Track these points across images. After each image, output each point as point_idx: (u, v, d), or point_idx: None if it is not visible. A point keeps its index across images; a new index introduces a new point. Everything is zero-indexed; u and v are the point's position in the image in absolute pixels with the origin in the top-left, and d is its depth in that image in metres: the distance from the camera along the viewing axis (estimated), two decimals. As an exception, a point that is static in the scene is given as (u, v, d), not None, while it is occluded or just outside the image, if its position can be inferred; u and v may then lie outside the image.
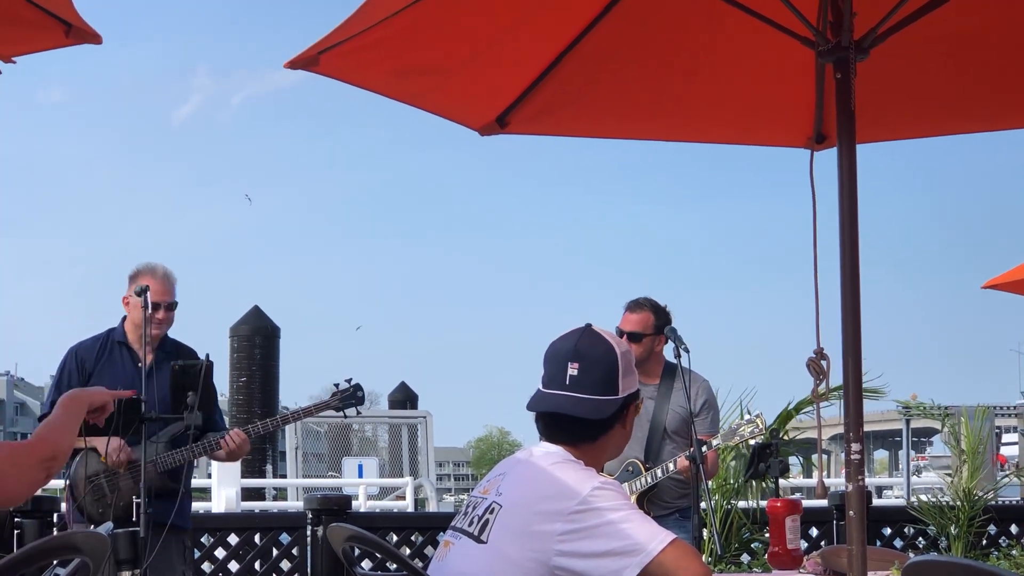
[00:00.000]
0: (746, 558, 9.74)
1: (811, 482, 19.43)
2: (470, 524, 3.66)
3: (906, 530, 9.77)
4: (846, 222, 4.21)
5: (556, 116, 5.45)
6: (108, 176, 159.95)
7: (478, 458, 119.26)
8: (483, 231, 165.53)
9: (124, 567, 5.79)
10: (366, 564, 8.16)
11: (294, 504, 16.84)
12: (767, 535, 4.56)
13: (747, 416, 6.84)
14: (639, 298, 7.13)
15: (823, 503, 9.78)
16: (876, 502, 10.84)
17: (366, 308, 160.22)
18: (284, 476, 21.51)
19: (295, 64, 4.45)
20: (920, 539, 9.82)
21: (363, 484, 17.70)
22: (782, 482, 6.15)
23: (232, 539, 8.82)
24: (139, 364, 6.87)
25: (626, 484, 6.69)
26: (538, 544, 3.46)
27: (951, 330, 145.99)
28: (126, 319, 6.98)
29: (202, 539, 8.80)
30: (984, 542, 9.87)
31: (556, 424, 3.73)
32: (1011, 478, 13.31)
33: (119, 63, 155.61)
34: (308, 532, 8.63)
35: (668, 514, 6.87)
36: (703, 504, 6.53)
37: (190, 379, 6.23)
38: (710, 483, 7.90)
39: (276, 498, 20.21)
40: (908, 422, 24.84)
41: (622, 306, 7.14)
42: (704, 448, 6.37)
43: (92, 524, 6.67)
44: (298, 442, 20.46)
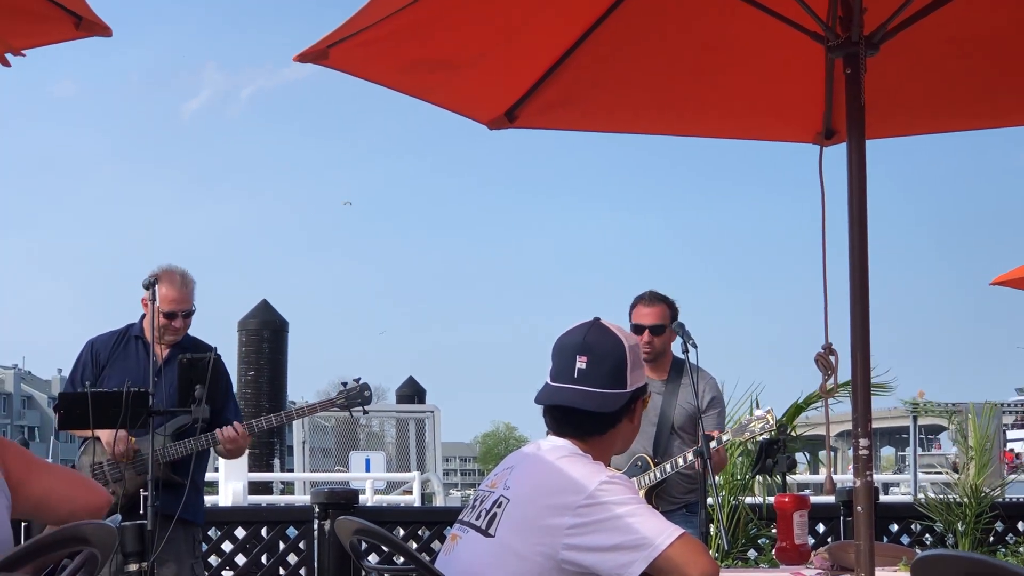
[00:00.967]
0: (753, 554, 9.73)
1: (818, 478, 19.43)
2: (477, 518, 3.66)
3: (913, 526, 9.75)
4: (855, 217, 4.20)
5: (565, 111, 5.45)
6: (118, 170, 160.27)
7: (485, 453, 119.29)
8: (492, 226, 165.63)
9: (131, 559, 5.79)
10: (373, 558, 8.17)
11: (301, 498, 16.85)
12: (774, 531, 4.56)
13: (757, 412, 6.82)
14: (648, 292, 7.11)
15: (830, 499, 9.77)
16: (883, 499, 10.83)
17: (374, 303, 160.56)
18: (291, 470, 21.53)
19: (305, 57, 4.45)
20: (927, 535, 9.81)
21: (370, 478, 17.71)
22: (789, 478, 6.14)
23: (239, 532, 8.82)
24: (153, 359, 6.88)
25: (634, 479, 6.69)
26: (546, 538, 3.46)
27: (960, 327, 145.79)
28: (144, 316, 6.99)
29: (209, 532, 8.80)
30: (991, 539, 9.86)
31: (564, 418, 3.72)
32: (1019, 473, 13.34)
33: (129, 57, 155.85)
34: (315, 526, 8.63)
35: (676, 509, 6.87)
36: (710, 500, 6.52)
37: (198, 372, 6.23)
38: (718, 479, 7.88)
39: (283, 492, 20.22)
40: (915, 419, 24.82)
41: (628, 302, 7.11)
42: (712, 444, 6.36)
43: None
44: (305, 436, 20.48)
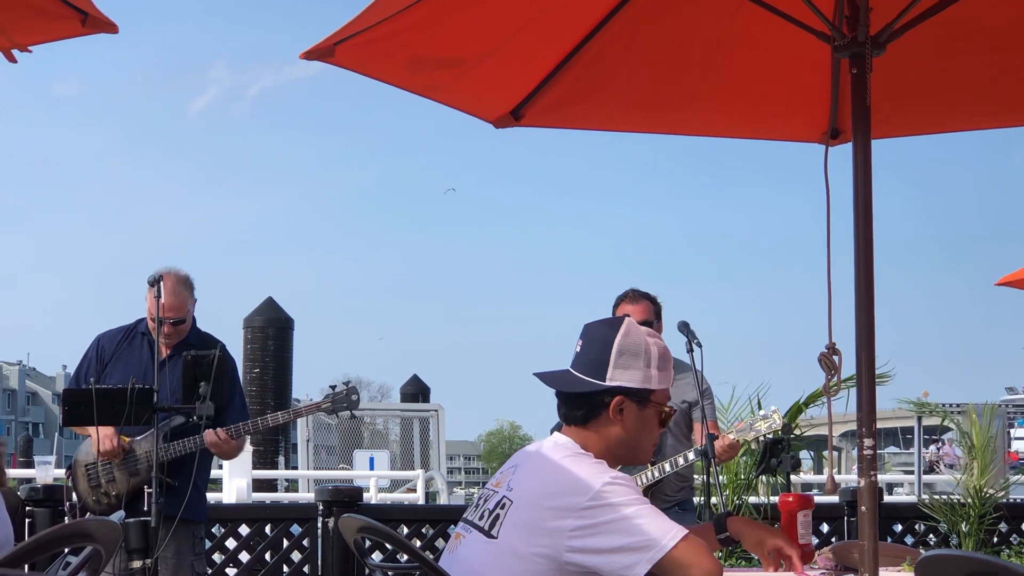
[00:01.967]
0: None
1: (821, 478, 19.41)
2: (480, 518, 3.66)
3: (917, 527, 9.75)
4: (860, 217, 4.20)
5: (571, 109, 5.45)
6: (123, 168, 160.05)
7: (489, 452, 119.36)
8: (497, 224, 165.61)
9: (135, 556, 5.80)
10: (376, 556, 8.17)
11: (305, 496, 16.84)
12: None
13: (762, 412, 6.83)
14: (630, 290, 7.09)
15: (833, 499, 9.77)
16: (887, 499, 10.81)
17: (380, 301, 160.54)
18: (295, 468, 21.51)
19: (311, 55, 4.45)
20: (931, 536, 9.80)
21: (374, 476, 17.71)
22: (793, 477, 6.14)
23: (243, 530, 8.82)
24: (156, 356, 6.88)
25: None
26: (549, 540, 3.46)
27: (965, 327, 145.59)
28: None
29: (213, 530, 8.80)
30: (995, 539, 9.85)
31: (557, 398, 3.78)
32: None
33: (136, 55, 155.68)
34: (319, 523, 8.63)
35: (668, 507, 6.86)
36: (714, 499, 6.53)
37: (203, 370, 6.23)
38: (722, 478, 7.89)
39: (287, 489, 20.22)
40: (919, 419, 24.79)
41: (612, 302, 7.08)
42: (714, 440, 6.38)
43: (88, 513, 6.69)
44: (309, 434, 20.46)
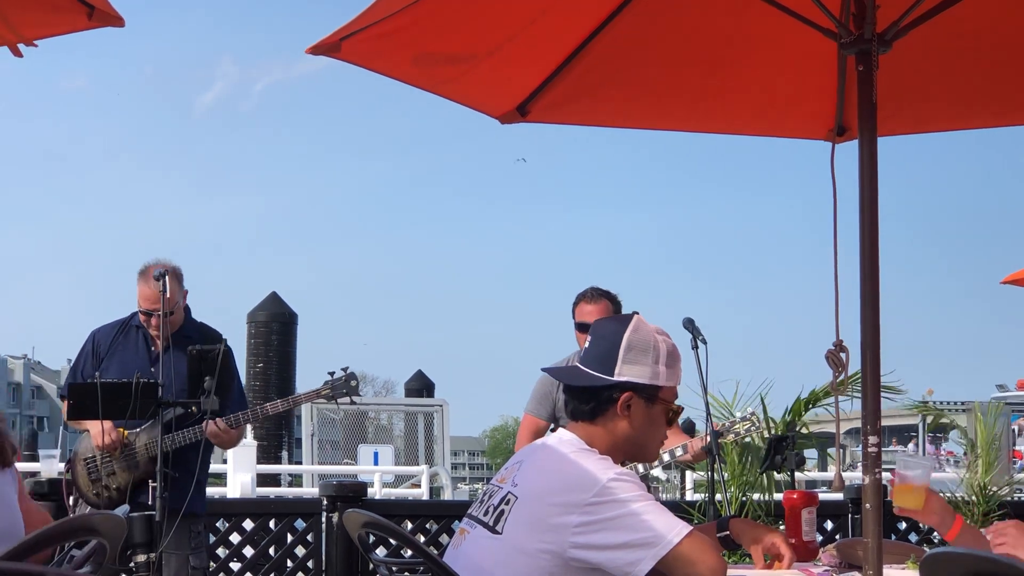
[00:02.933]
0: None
1: (825, 475, 19.42)
2: (485, 514, 3.66)
3: (921, 524, 9.73)
4: (866, 214, 4.19)
5: (577, 105, 5.44)
6: (129, 163, 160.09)
7: (493, 448, 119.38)
8: (503, 220, 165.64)
9: (139, 550, 5.80)
10: (380, 551, 8.17)
11: (309, 490, 16.86)
12: (782, 527, 4.56)
13: (739, 414, 6.84)
14: (589, 289, 7.09)
15: (838, 496, 9.76)
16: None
17: (384, 296, 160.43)
18: (300, 463, 21.53)
19: (317, 50, 4.44)
20: (935, 533, 9.78)
21: (378, 471, 17.71)
22: (797, 475, 6.14)
23: (247, 524, 8.82)
24: (151, 348, 6.89)
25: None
26: (554, 536, 3.46)
27: (969, 325, 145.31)
28: None
29: (217, 524, 8.80)
30: (999, 538, 9.82)
31: (565, 394, 3.82)
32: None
33: (143, 49, 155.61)
34: (323, 518, 8.63)
35: (662, 502, 6.90)
36: (718, 496, 6.53)
37: (207, 364, 6.23)
38: (726, 475, 7.88)
39: (291, 484, 20.24)
40: (924, 418, 24.83)
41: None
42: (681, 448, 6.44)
43: (89, 507, 6.71)
44: (314, 429, 20.49)
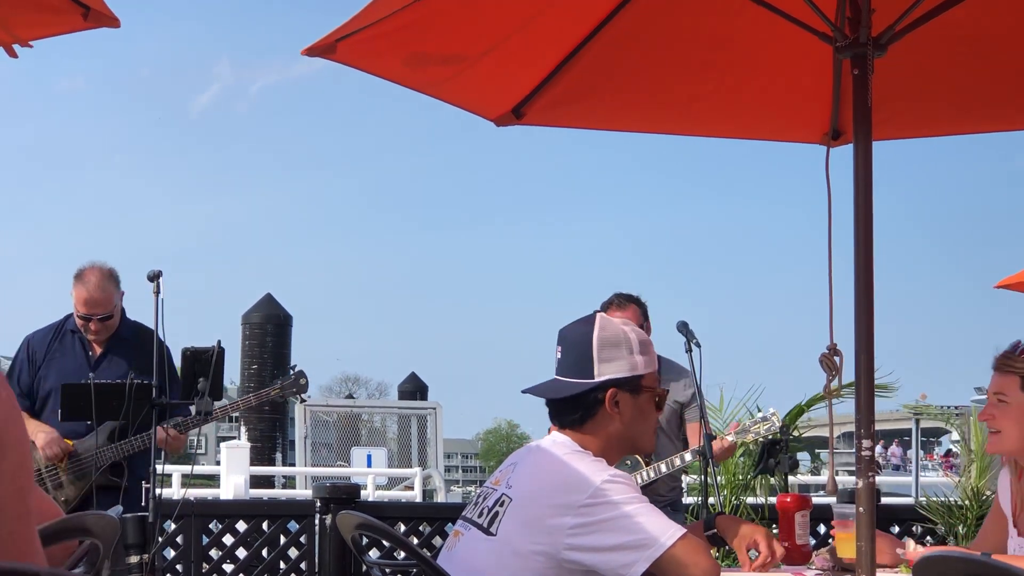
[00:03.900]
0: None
1: (819, 479, 19.42)
2: (480, 515, 3.66)
3: (914, 528, 9.74)
4: (861, 219, 4.19)
5: (572, 108, 5.44)
6: (125, 164, 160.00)
7: (486, 450, 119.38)
8: (498, 222, 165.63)
9: (132, 551, 5.79)
10: (374, 553, 8.17)
11: (303, 492, 16.84)
12: (776, 531, 4.55)
13: (761, 413, 6.83)
14: (615, 297, 7.05)
15: (831, 500, 9.77)
16: (884, 500, 10.82)
17: (378, 298, 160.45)
18: (293, 464, 21.53)
19: (312, 51, 4.44)
20: (928, 537, 9.80)
21: (372, 474, 17.70)
22: (791, 478, 6.14)
23: (240, 526, 8.82)
24: (89, 353, 6.85)
25: (629, 478, 6.68)
26: (548, 538, 3.46)
27: (963, 329, 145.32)
28: None
29: (210, 525, 8.81)
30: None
31: (548, 407, 3.79)
32: None
33: (139, 51, 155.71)
34: (316, 520, 8.63)
35: (661, 506, 6.87)
36: (712, 499, 6.53)
37: (201, 365, 6.21)
38: (720, 479, 7.89)
39: (285, 486, 20.22)
40: (918, 421, 24.85)
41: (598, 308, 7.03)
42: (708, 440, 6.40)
43: None
44: (307, 431, 20.47)
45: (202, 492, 15.96)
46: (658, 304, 7.08)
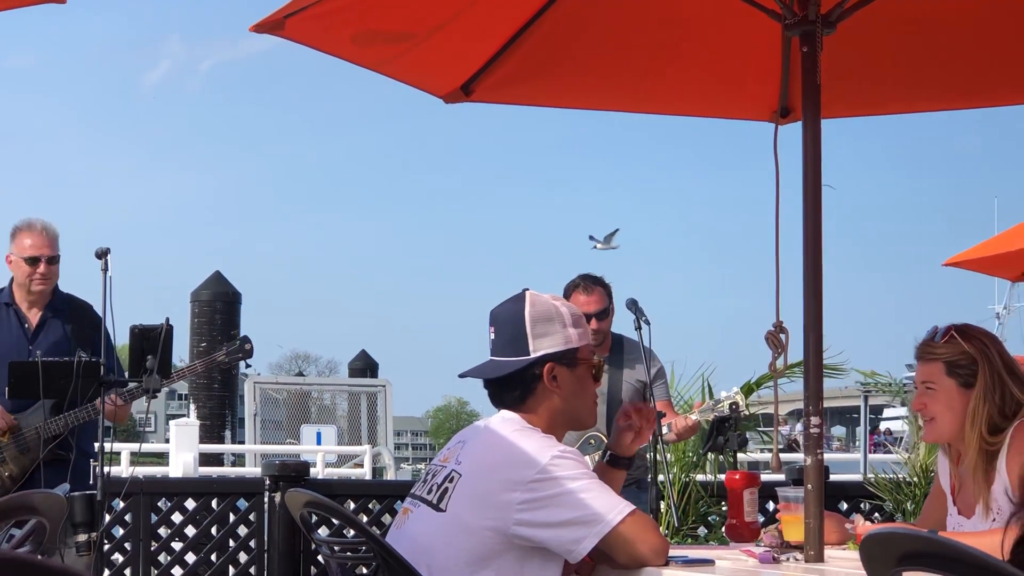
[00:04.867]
0: (703, 531, 9.77)
1: (767, 457, 19.52)
2: (429, 492, 3.66)
3: (862, 505, 9.80)
4: (809, 196, 4.20)
5: (521, 86, 5.44)
6: (76, 142, 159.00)
7: (436, 428, 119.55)
8: (449, 202, 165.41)
9: (80, 530, 5.75)
10: (323, 531, 8.16)
11: (252, 470, 16.79)
12: (724, 508, 4.56)
13: (724, 392, 6.85)
14: (581, 278, 7.01)
15: (780, 477, 9.81)
16: (833, 477, 10.89)
17: (328, 276, 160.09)
18: (242, 442, 21.47)
19: (261, 28, 4.41)
20: (876, 515, 9.86)
21: (321, 451, 17.66)
22: (740, 456, 6.16)
23: (189, 504, 8.78)
24: (25, 325, 6.80)
25: (587, 457, 6.69)
26: (497, 513, 3.46)
27: (912, 307, 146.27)
28: (13, 280, 6.88)
29: (159, 503, 8.77)
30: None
31: (487, 389, 3.79)
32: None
33: (89, 28, 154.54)
34: (266, 498, 8.60)
35: (626, 485, 6.88)
36: (661, 477, 6.55)
37: (150, 343, 6.16)
38: (669, 456, 7.91)
39: (234, 464, 20.17)
40: (866, 398, 24.93)
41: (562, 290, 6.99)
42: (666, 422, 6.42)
43: None
44: (257, 409, 20.40)
45: (151, 470, 15.90)
46: (608, 282, 7.05)
